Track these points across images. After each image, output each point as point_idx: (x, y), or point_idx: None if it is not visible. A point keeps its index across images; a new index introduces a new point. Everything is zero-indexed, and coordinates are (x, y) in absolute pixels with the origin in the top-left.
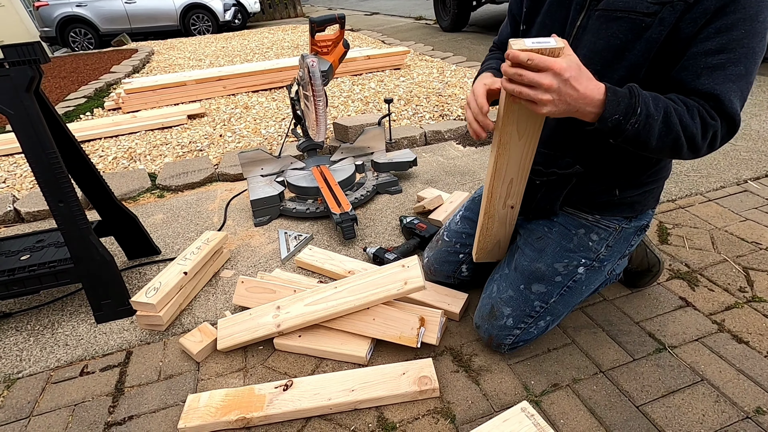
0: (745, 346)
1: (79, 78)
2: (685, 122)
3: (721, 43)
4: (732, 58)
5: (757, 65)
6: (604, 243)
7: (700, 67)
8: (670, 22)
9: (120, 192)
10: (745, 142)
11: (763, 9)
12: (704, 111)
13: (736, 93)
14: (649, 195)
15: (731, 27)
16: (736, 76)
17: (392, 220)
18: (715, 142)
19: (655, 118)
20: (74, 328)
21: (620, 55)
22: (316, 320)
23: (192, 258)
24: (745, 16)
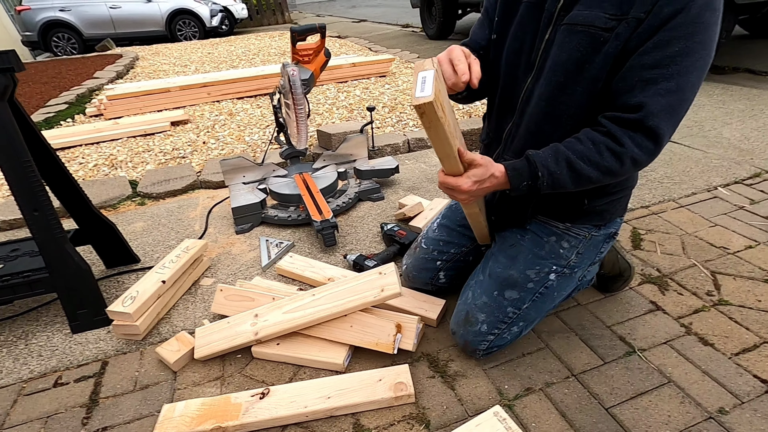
0: (711, 348)
1: (61, 83)
2: (594, 161)
3: (656, 59)
4: (665, 74)
5: (691, 83)
6: (575, 250)
7: (635, 79)
8: (624, 38)
9: (100, 199)
10: (716, 150)
11: (700, 29)
12: (613, 142)
13: (664, 108)
14: (617, 203)
15: (667, 44)
16: (666, 91)
17: (374, 227)
18: (638, 162)
19: (559, 172)
20: (49, 338)
21: (581, 67)
22: (294, 328)
23: (171, 266)
24: (681, 34)
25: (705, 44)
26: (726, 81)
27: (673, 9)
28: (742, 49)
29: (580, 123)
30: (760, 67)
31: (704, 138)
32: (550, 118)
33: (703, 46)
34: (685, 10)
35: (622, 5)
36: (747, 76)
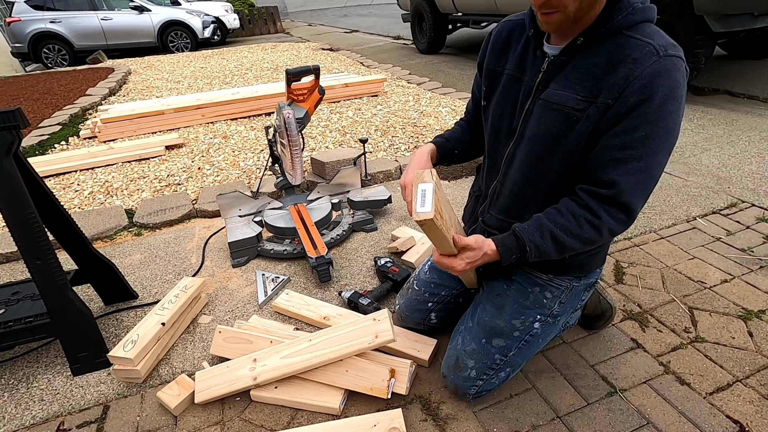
0: (687, 387)
1: (53, 100)
2: (575, 233)
3: (625, 141)
4: (634, 155)
5: (657, 162)
6: (557, 300)
7: (607, 158)
8: (594, 119)
9: (97, 231)
10: (695, 178)
11: (663, 116)
12: (591, 215)
13: (634, 185)
14: (596, 257)
15: (634, 128)
16: (635, 171)
17: (367, 260)
18: (614, 231)
19: (545, 245)
20: (50, 381)
21: (557, 141)
22: (291, 372)
23: (170, 307)
24: (647, 121)
25: (668, 129)
26: (706, 103)
27: (638, 99)
28: (721, 70)
29: (558, 188)
30: (739, 88)
31: (684, 165)
32: (531, 182)
33: (666, 130)
34: (648, 100)
35: (593, 89)
36: (726, 98)
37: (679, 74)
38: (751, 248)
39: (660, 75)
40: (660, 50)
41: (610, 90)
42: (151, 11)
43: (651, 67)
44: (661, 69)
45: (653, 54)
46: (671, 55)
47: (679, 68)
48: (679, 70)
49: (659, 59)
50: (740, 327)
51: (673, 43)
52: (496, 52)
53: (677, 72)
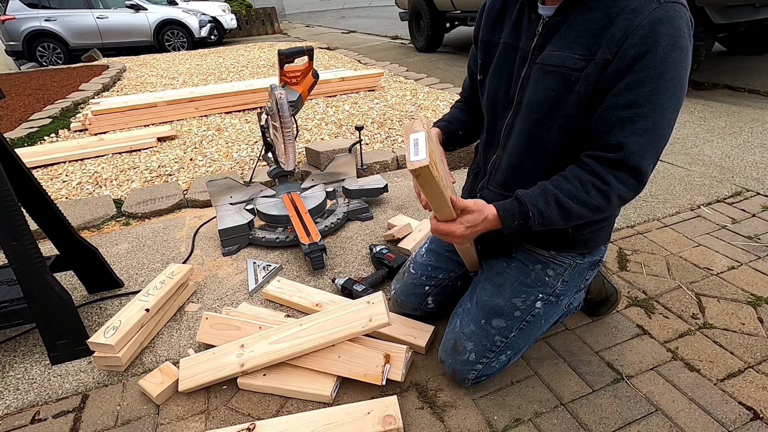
0: (697, 374)
1: (45, 96)
2: (582, 199)
3: (630, 99)
4: (641, 113)
5: (667, 120)
6: (560, 278)
7: (612, 119)
8: (593, 78)
9: (83, 220)
10: (698, 168)
11: (669, 69)
12: (598, 181)
13: (643, 146)
14: (600, 232)
15: (639, 84)
16: (643, 130)
17: (362, 249)
18: (624, 198)
19: (549, 211)
20: (27, 370)
21: (556, 105)
22: (281, 359)
23: (155, 293)
24: (651, 75)
25: (676, 82)
26: (706, 97)
27: (639, 51)
28: (721, 66)
29: (559, 157)
30: (739, 83)
31: (687, 155)
32: (529, 153)
33: (674, 84)
34: (651, 51)
35: (591, 46)
36: (726, 93)
37: (683, 22)
38: (758, 235)
39: (661, 23)
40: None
41: (608, 44)
42: (147, 10)
43: (651, 15)
44: (662, 16)
45: (653, 1)
46: (673, 1)
47: (681, 16)
48: (682, 18)
49: (659, 6)
50: (750, 313)
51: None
52: (490, 22)
53: (680, 20)
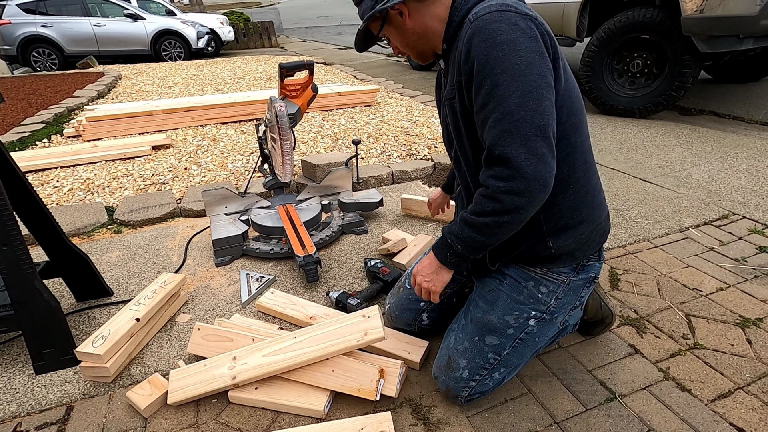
0: (688, 394)
1: (38, 101)
2: (479, 211)
3: (479, 103)
4: (488, 110)
5: (515, 105)
6: (554, 295)
7: (479, 124)
8: (459, 99)
9: (73, 227)
10: (686, 191)
11: (496, 64)
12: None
13: (499, 135)
14: (586, 241)
15: (478, 88)
16: (494, 122)
17: (357, 262)
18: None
19: (461, 232)
20: (9, 380)
21: (458, 128)
22: (274, 372)
23: (146, 303)
24: (483, 77)
25: (510, 71)
26: (693, 122)
27: (469, 64)
28: (707, 93)
29: None
30: (724, 110)
31: (675, 178)
32: (467, 174)
33: (508, 74)
34: (475, 60)
35: (455, 75)
36: (712, 119)
37: (497, 24)
38: (745, 258)
39: (474, 36)
40: (472, 17)
41: (457, 70)
42: (145, 20)
43: (467, 34)
44: (473, 31)
45: (467, 24)
46: (482, 15)
47: (494, 20)
48: (495, 21)
49: (470, 25)
50: (738, 334)
51: (490, 5)
52: (437, 86)
53: (493, 24)
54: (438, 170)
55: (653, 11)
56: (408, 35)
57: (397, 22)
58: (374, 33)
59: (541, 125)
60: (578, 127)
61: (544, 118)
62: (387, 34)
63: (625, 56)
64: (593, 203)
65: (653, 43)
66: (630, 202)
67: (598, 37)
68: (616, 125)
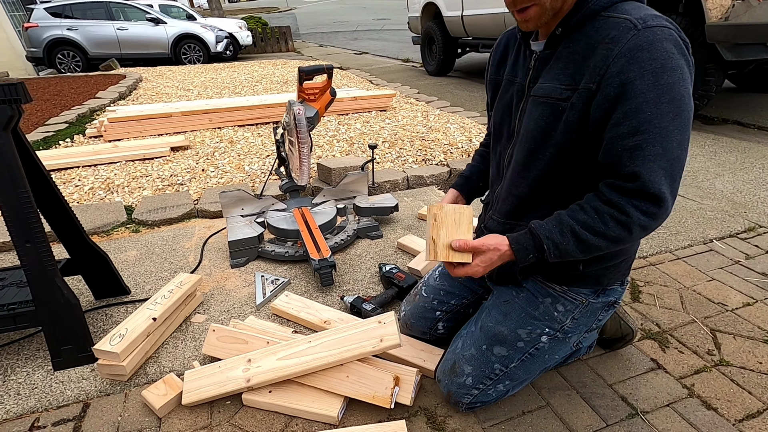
0: (714, 413)
1: (62, 101)
2: (599, 231)
3: (632, 126)
4: (647, 139)
5: (677, 142)
6: (570, 315)
7: (619, 150)
8: (580, 107)
9: (93, 225)
10: (710, 202)
11: (664, 92)
12: (617, 212)
13: (658, 172)
14: (615, 269)
15: (637, 111)
16: (654, 156)
17: (371, 267)
18: (647, 227)
19: (565, 243)
20: (29, 375)
21: (547, 135)
22: (288, 376)
23: (163, 303)
24: (646, 100)
25: (675, 102)
26: (716, 132)
27: (625, 78)
28: (730, 102)
29: (552, 187)
30: (749, 119)
31: (698, 188)
32: (525, 181)
33: (674, 105)
34: (638, 78)
35: (575, 76)
36: (736, 128)
37: (668, 43)
38: None
39: (642, 49)
40: (638, 23)
41: (591, 74)
42: (166, 24)
43: (630, 42)
44: (642, 42)
45: (630, 29)
46: (652, 26)
47: (665, 37)
48: (667, 39)
49: (638, 33)
50: (767, 352)
51: (656, 14)
52: (496, 63)
53: (664, 42)
54: (453, 176)
55: (676, 18)
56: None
57: None
58: None
59: (683, 167)
60: None
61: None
62: None
63: None
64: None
65: None
66: None
67: None
68: None
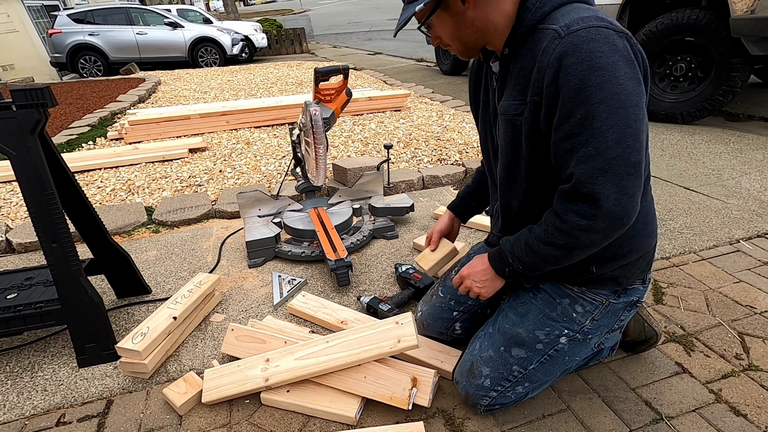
0: (743, 419)
1: (84, 105)
2: (548, 240)
3: (566, 131)
4: (579, 141)
5: (611, 141)
6: (589, 316)
7: (561, 153)
8: (530, 120)
9: (115, 226)
10: (736, 201)
11: (593, 92)
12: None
13: (591, 173)
14: (632, 267)
15: (569, 115)
16: (586, 158)
17: (387, 267)
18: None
19: (525, 256)
20: (55, 371)
21: (516, 149)
22: (306, 375)
23: (183, 302)
24: (576, 103)
25: (608, 102)
26: (741, 129)
27: (556, 87)
28: (756, 98)
29: (534, 197)
30: None
31: (723, 187)
32: (511, 194)
33: (606, 104)
34: (567, 83)
35: (525, 91)
36: (762, 125)
37: (595, 43)
38: None
39: (567, 55)
40: (561, 31)
41: (533, 87)
42: (184, 27)
43: (556, 50)
44: (566, 49)
45: (555, 37)
46: (575, 30)
47: (591, 38)
48: (593, 39)
49: (561, 40)
50: None
51: (584, 16)
52: (473, 85)
53: (590, 42)
54: (469, 176)
55: (699, 12)
56: (463, 26)
57: (456, 9)
58: (420, 18)
59: (635, 162)
60: (647, 154)
61: (639, 154)
62: (436, 21)
63: (668, 59)
64: (645, 232)
65: (698, 45)
66: (674, 211)
67: (639, 40)
68: (657, 131)
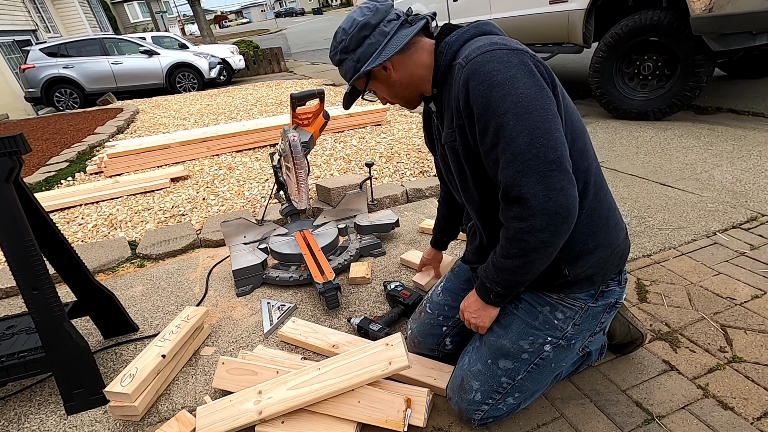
0: (731, 412)
1: (62, 140)
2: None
3: (487, 145)
4: (498, 151)
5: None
6: (570, 321)
7: (491, 165)
8: (462, 142)
9: (98, 263)
10: (710, 193)
11: (498, 107)
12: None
13: (514, 176)
14: (604, 264)
15: (484, 132)
16: (506, 163)
17: (376, 285)
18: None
19: (498, 277)
20: (42, 421)
21: (462, 171)
22: (299, 405)
23: (171, 338)
24: (487, 119)
25: (512, 111)
26: (710, 121)
27: (470, 108)
28: (722, 90)
29: (491, 210)
30: (742, 106)
31: (697, 181)
32: (474, 212)
33: (512, 114)
34: (475, 104)
35: (453, 119)
36: (730, 116)
37: (490, 65)
38: None
39: (469, 80)
40: (463, 62)
41: (456, 114)
42: (160, 54)
43: (462, 78)
44: (468, 75)
45: (460, 69)
46: (473, 58)
47: (487, 60)
48: (489, 62)
49: (463, 69)
50: None
51: (479, 46)
52: (426, 126)
53: (486, 65)
54: None
55: (660, 13)
56: (395, 87)
57: (382, 77)
58: (360, 90)
59: (554, 159)
60: (584, 151)
61: (557, 150)
62: (373, 88)
63: (635, 59)
64: (608, 225)
65: (663, 45)
66: (652, 208)
67: (606, 43)
68: (630, 129)
